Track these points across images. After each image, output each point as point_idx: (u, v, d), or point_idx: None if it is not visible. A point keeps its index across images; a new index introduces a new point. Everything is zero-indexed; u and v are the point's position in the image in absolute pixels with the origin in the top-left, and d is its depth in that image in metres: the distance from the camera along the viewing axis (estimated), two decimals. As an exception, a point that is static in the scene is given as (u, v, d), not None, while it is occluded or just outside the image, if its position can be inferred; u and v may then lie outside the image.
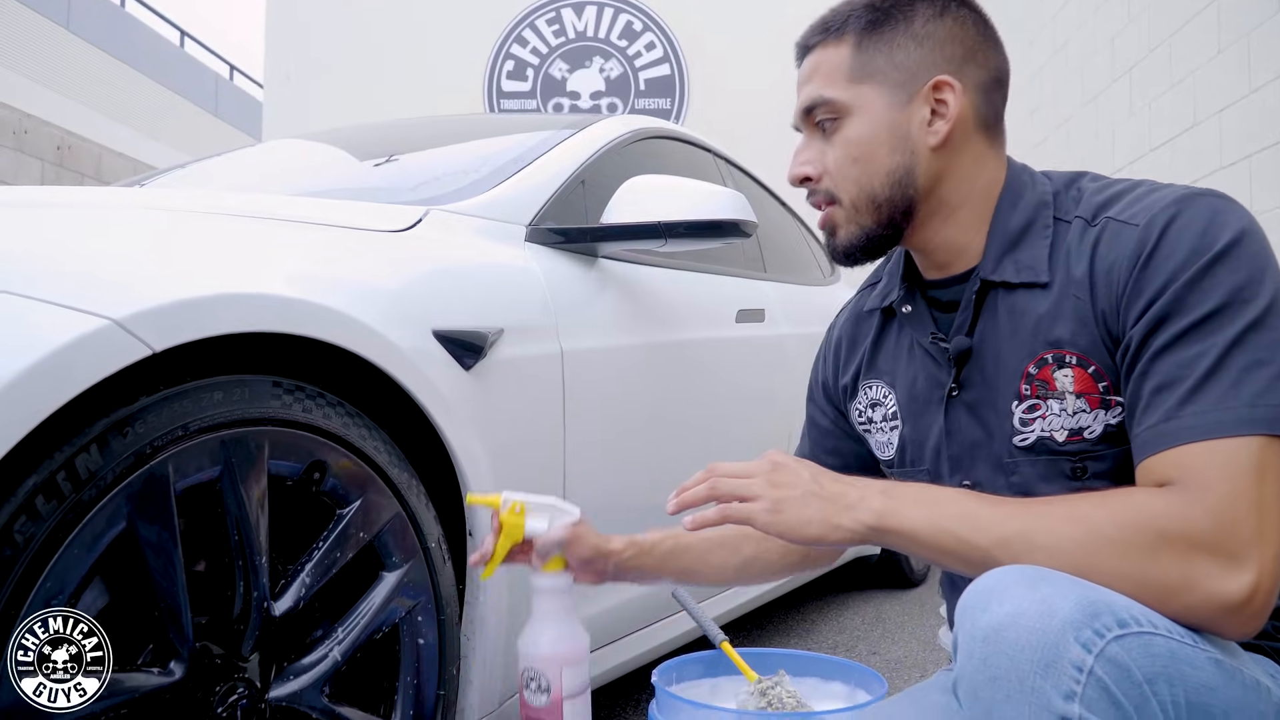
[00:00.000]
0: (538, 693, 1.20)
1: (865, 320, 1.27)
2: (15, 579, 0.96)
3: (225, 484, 1.16)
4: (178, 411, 1.11)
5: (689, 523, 1.04)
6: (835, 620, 3.02)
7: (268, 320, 1.19)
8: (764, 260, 2.77)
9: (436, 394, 1.42)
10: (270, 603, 1.22)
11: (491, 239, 1.74)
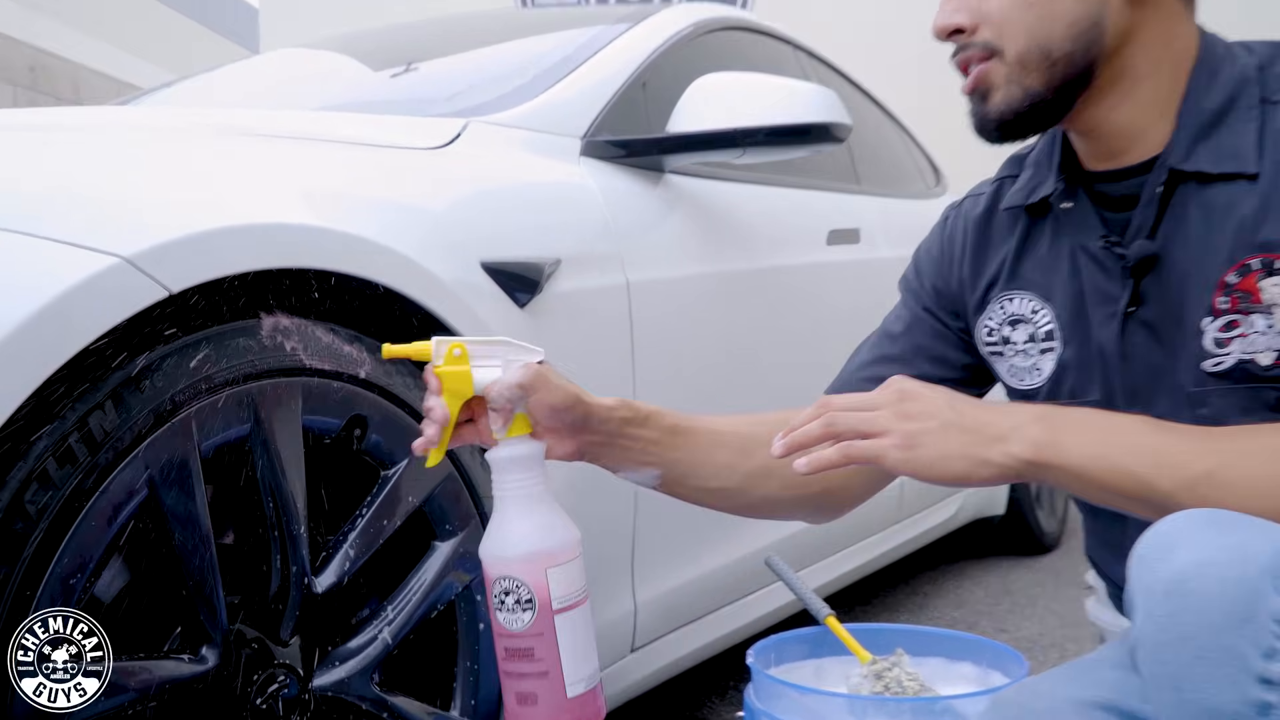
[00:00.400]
0: (516, 610, 1.02)
1: (1003, 220, 1.23)
2: (29, 555, 0.98)
3: (255, 443, 1.18)
4: (200, 362, 1.13)
5: (803, 464, 1.03)
6: (952, 593, 3.02)
7: (298, 254, 1.20)
8: (858, 171, 2.73)
9: (487, 334, 1.42)
10: (311, 579, 1.24)
11: (541, 154, 1.74)
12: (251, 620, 1.22)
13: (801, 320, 2.21)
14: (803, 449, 1.04)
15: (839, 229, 2.38)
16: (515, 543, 1.04)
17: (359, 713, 1.30)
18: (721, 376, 1.96)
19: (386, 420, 1.32)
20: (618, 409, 1.15)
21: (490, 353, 1.08)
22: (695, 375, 1.89)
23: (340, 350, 1.27)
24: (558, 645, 1.02)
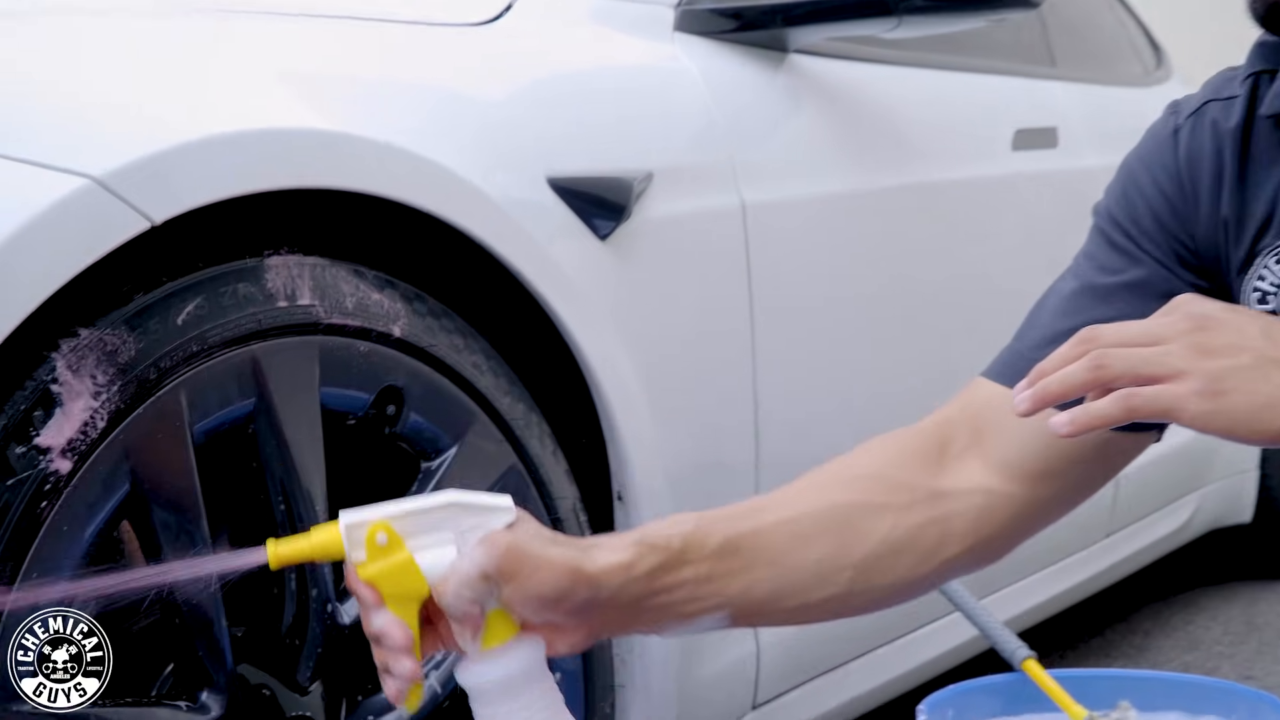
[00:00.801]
0: None
1: (1266, 134, 1.22)
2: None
3: (262, 424, 1.23)
4: (190, 315, 1.18)
5: (1063, 424, 1.02)
6: (1182, 630, 3.02)
7: (311, 169, 1.24)
8: (1053, 50, 2.73)
9: (560, 277, 1.47)
10: (336, 605, 1.30)
11: (622, 28, 1.77)
12: (260, 659, 1.27)
13: (980, 251, 2.22)
14: (1059, 399, 1.03)
15: (1029, 128, 2.38)
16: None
17: (399, 783, 1.36)
18: (867, 331, 1.98)
19: (428, 393, 1.36)
20: (637, 562, 1.07)
21: (432, 523, 1.00)
22: (832, 330, 1.92)
23: (367, 299, 1.32)
24: None
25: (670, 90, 1.74)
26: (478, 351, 1.42)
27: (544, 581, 1.01)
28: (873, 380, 2.00)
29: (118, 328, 1.14)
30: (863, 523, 1.17)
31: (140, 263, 1.17)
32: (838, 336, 1.94)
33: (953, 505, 1.20)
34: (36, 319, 1.08)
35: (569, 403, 1.54)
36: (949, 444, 1.23)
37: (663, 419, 1.60)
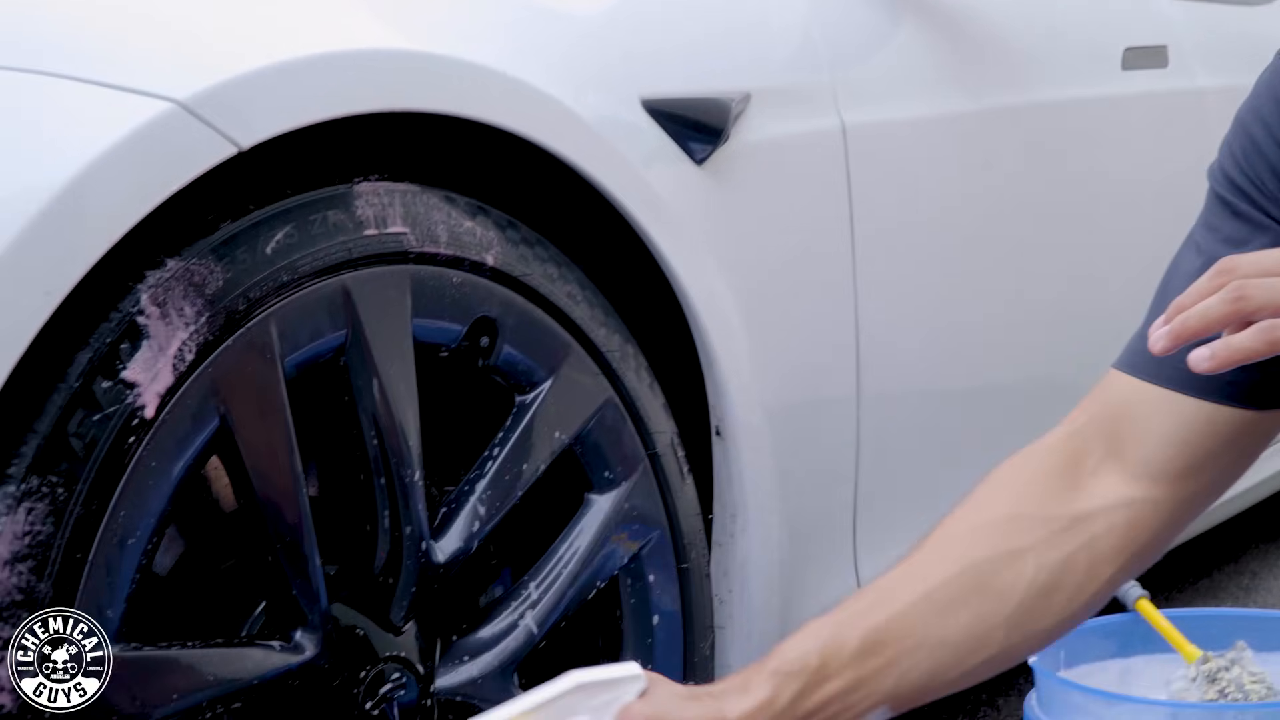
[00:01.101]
0: None
1: None
2: (78, 505, 1.03)
3: (354, 357, 1.21)
4: (279, 244, 1.16)
5: (1203, 360, 0.98)
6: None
7: (401, 92, 1.22)
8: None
9: (657, 202, 1.44)
10: (430, 543, 1.28)
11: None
12: (353, 599, 1.26)
13: (1084, 176, 2.17)
14: (1198, 335, 0.98)
15: (1138, 47, 2.31)
16: None
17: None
18: (972, 258, 1.94)
19: (523, 324, 1.34)
20: (777, 696, 1.06)
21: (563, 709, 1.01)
22: (936, 257, 1.88)
23: (459, 227, 1.29)
24: None
25: (767, 7, 1.70)
26: (572, 281, 1.39)
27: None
28: (977, 309, 1.96)
29: (205, 258, 1.12)
30: (1004, 576, 1.13)
31: (227, 190, 1.15)
32: (941, 264, 1.89)
33: (1097, 526, 1.15)
34: (121, 249, 1.06)
35: (665, 335, 1.52)
36: (1083, 459, 1.18)
37: (761, 351, 1.57)
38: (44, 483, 1.03)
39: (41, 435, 1.03)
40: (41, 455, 1.03)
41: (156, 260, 1.10)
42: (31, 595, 1.02)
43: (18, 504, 1.02)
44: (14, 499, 1.02)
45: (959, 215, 1.92)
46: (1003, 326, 2.01)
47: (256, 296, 1.14)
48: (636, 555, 1.43)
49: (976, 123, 1.94)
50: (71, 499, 1.04)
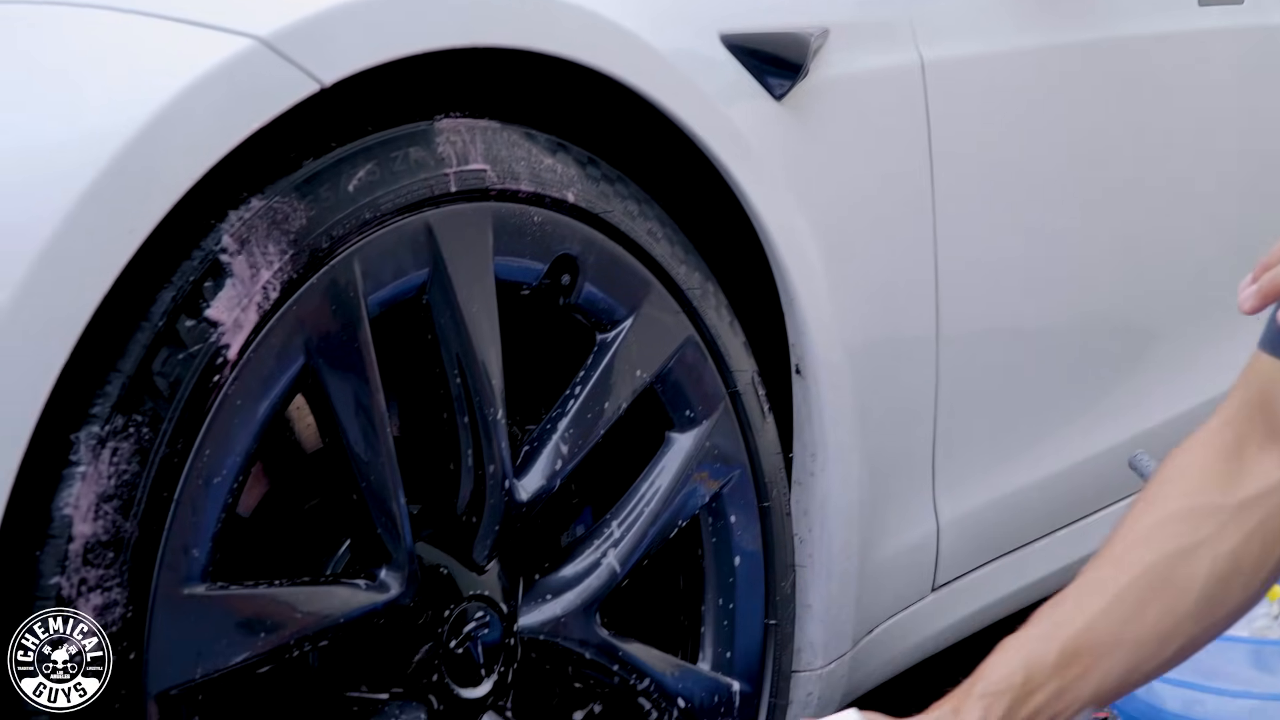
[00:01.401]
0: None
1: None
2: (164, 444, 1.04)
3: (436, 295, 1.21)
4: (362, 182, 1.15)
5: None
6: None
7: (477, 27, 1.20)
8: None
9: (737, 138, 1.42)
10: (513, 482, 1.28)
11: None
12: (436, 538, 1.26)
13: (1162, 112, 2.14)
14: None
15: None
16: None
17: (579, 663, 1.34)
18: (1051, 194, 1.93)
19: (603, 262, 1.34)
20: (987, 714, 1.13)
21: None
22: (1015, 193, 1.86)
23: (540, 164, 1.28)
24: None
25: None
26: (652, 218, 1.38)
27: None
28: (1054, 247, 1.95)
29: (288, 195, 1.12)
30: (1183, 572, 1.17)
31: (309, 128, 1.15)
32: (1019, 201, 1.88)
33: (1266, 508, 1.17)
34: (203, 187, 1.06)
35: (744, 272, 1.51)
36: (1244, 444, 1.20)
37: (840, 288, 1.56)
38: (129, 422, 1.03)
39: (126, 374, 1.03)
40: (126, 394, 1.03)
41: (240, 198, 1.10)
42: (118, 536, 1.02)
43: (103, 444, 1.02)
44: (99, 439, 1.02)
45: (1037, 151, 1.91)
46: (1083, 267, 2.00)
47: (339, 234, 1.14)
48: (718, 494, 1.43)
49: (1055, 58, 1.93)
50: (157, 438, 1.04)
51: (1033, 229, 1.90)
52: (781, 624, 1.49)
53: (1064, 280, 1.96)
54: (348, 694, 1.23)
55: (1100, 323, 2.08)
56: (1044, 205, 1.92)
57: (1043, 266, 1.92)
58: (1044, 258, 1.93)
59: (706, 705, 1.42)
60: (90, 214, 0.99)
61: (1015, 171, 1.86)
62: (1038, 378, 1.94)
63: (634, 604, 1.44)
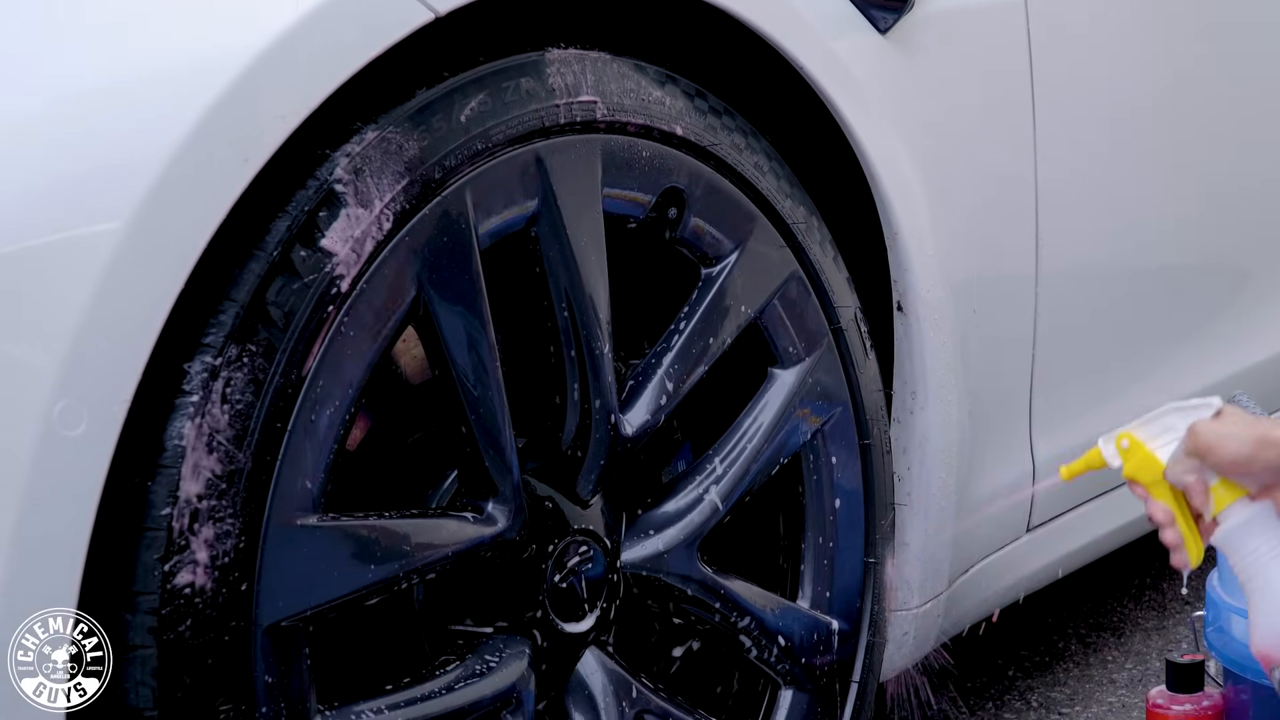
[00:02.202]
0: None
1: None
2: (277, 373, 1.04)
3: (544, 228, 1.20)
4: (474, 112, 1.14)
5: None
6: None
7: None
8: None
9: (843, 72, 1.41)
10: (619, 416, 1.27)
11: None
12: (541, 472, 1.26)
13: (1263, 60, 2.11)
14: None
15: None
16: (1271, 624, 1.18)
17: (680, 599, 1.34)
18: (1158, 139, 1.90)
19: (710, 196, 1.32)
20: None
21: (1166, 425, 1.26)
22: (1117, 131, 1.84)
23: (648, 96, 1.27)
24: None
25: None
26: (759, 151, 1.37)
27: (1230, 450, 1.16)
28: (1153, 187, 1.92)
29: (401, 125, 1.11)
30: None
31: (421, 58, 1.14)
32: (1120, 139, 1.85)
33: None
34: (319, 116, 1.05)
35: (848, 208, 1.49)
36: None
37: (943, 225, 1.54)
38: (243, 352, 1.03)
39: (240, 304, 1.03)
40: (240, 324, 1.03)
41: (353, 128, 1.09)
42: (231, 465, 1.02)
43: (215, 374, 1.02)
44: (211, 369, 1.02)
45: (1138, 89, 1.88)
46: (1178, 205, 1.97)
47: (452, 165, 1.13)
48: (819, 431, 1.42)
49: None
50: (271, 369, 1.04)
51: (1131, 165, 1.87)
52: (880, 561, 1.48)
53: (1159, 218, 1.94)
54: (452, 627, 1.23)
55: (1195, 262, 2.05)
56: (1141, 141, 1.89)
57: (1139, 204, 1.89)
58: (1141, 195, 1.90)
59: (806, 643, 1.42)
60: (206, 142, 0.99)
61: (1116, 108, 1.84)
62: (1133, 318, 1.92)
63: (735, 541, 1.43)
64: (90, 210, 0.95)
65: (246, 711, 1.03)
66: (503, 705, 1.21)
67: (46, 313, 0.93)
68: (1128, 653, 2.10)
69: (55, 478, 0.93)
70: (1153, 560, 2.37)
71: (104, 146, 0.97)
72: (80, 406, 0.93)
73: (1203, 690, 1.47)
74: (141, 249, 0.96)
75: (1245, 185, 2.11)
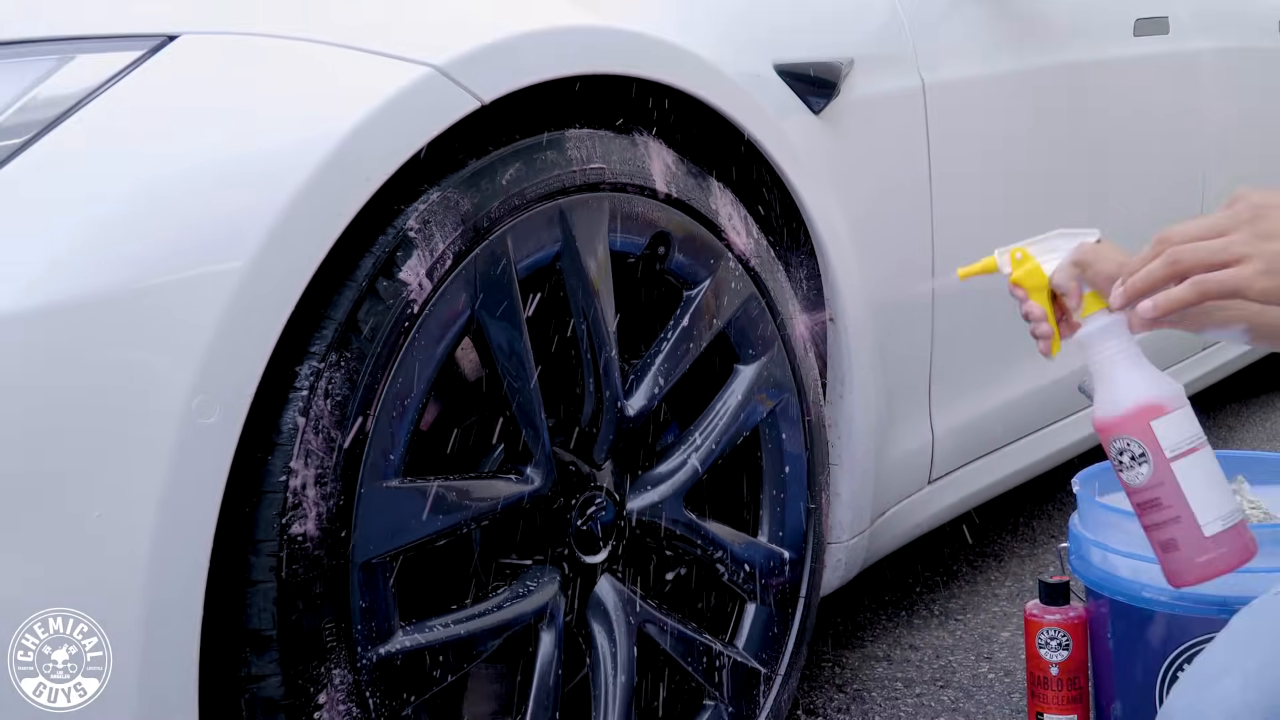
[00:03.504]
0: (1134, 465, 1.09)
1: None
2: (366, 373, 1.00)
3: (567, 262, 1.17)
4: (512, 177, 1.11)
5: (1148, 307, 0.96)
6: (1260, 425, 2.86)
7: (602, 58, 1.16)
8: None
9: (787, 145, 1.37)
10: (624, 402, 1.24)
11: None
12: (566, 444, 1.22)
13: (1107, 122, 2.06)
14: (1145, 295, 0.96)
15: (1146, 17, 2.19)
16: (1115, 403, 1.09)
17: (671, 537, 1.31)
18: (1023, 190, 1.86)
19: (690, 238, 1.29)
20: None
21: (1051, 246, 1.18)
22: (994, 186, 1.79)
23: (643, 163, 1.23)
24: (1182, 490, 1.07)
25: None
26: (726, 204, 1.33)
27: (1104, 267, 1.06)
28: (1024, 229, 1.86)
29: (457, 187, 1.08)
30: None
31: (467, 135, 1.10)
32: (997, 192, 1.81)
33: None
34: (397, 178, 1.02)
35: (793, 245, 1.46)
36: None
37: (864, 260, 1.50)
38: (340, 358, 1.00)
39: (337, 321, 1.00)
40: (338, 337, 1.00)
41: (420, 190, 1.06)
42: (332, 443, 0.99)
43: (319, 375, 0.99)
44: (316, 371, 0.99)
45: (1010, 153, 1.84)
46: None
47: (496, 216, 1.10)
48: (773, 411, 1.38)
49: (1024, 79, 1.85)
50: (361, 369, 1.01)
51: (1007, 214, 1.82)
52: (818, 508, 1.45)
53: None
54: (500, 561, 1.20)
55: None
56: (1016, 194, 1.85)
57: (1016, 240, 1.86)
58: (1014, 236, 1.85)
59: (764, 568, 1.38)
60: (308, 201, 0.95)
61: (995, 168, 1.80)
62: (1006, 326, 1.87)
63: (712, 493, 1.40)
64: (217, 254, 0.91)
65: (345, 629, 0.99)
66: (539, 619, 1.18)
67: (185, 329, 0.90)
68: (1007, 574, 2.07)
69: (194, 456, 0.89)
70: (1024, 504, 2.34)
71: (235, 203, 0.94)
72: (213, 401, 0.90)
73: (1069, 604, 1.44)
74: (259, 282, 0.93)
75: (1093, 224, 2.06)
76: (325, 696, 0.98)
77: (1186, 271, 0.94)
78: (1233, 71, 2.42)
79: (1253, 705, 0.92)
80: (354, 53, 1.03)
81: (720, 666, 1.32)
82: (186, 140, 0.96)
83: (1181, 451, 1.07)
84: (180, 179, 0.93)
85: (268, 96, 1.01)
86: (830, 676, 1.72)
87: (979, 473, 1.85)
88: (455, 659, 1.09)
